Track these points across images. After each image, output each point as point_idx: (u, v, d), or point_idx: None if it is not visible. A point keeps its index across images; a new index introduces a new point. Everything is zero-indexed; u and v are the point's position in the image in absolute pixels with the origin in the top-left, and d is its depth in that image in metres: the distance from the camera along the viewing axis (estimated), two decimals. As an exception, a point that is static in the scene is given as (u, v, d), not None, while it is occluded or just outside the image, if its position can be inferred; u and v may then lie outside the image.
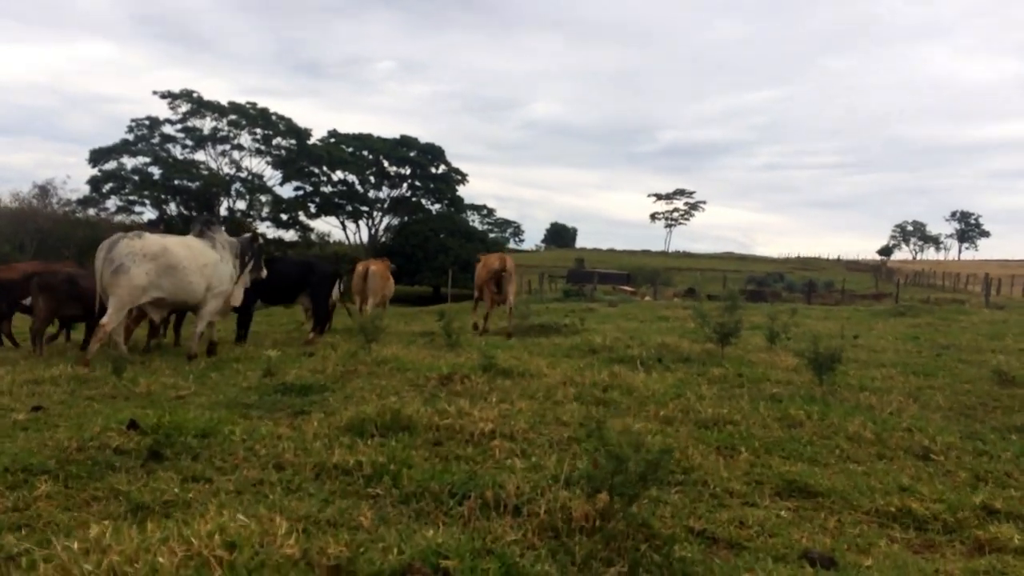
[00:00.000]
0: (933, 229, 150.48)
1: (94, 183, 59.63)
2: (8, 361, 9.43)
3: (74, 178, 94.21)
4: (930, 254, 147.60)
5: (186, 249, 9.66)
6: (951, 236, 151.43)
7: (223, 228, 10.85)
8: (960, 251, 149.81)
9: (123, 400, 6.65)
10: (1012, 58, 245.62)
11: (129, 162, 60.54)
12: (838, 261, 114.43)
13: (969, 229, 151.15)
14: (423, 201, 70.15)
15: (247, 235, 11.55)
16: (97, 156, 59.99)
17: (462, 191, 72.06)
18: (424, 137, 69.68)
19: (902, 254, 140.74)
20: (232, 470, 4.52)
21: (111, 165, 60.12)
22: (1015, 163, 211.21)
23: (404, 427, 5.43)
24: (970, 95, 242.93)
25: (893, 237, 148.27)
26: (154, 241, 9.41)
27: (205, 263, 9.78)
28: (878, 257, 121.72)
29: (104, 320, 8.98)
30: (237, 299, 11.13)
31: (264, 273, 11.77)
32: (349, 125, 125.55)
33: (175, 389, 7.14)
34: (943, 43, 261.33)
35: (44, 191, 59.99)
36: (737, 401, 6.89)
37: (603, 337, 11.37)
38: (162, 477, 4.31)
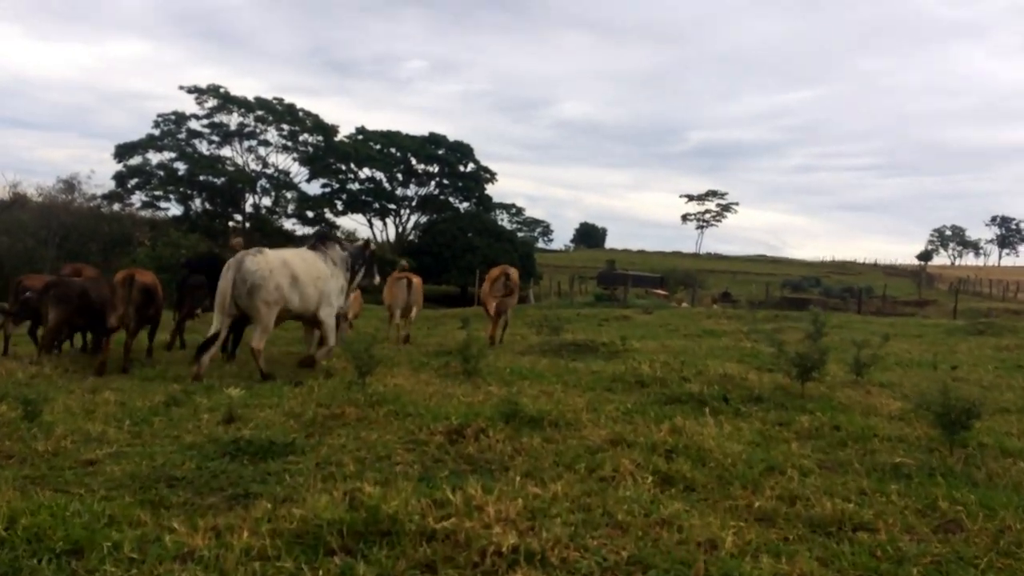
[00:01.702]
0: (972, 234, 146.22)
1: (119, 178, 58.61)
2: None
3: (99, 173, 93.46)
4: (969, 259, 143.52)
5: (302, 261, 9.75)
6: (991, 241, 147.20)
7: (336, 243, 10.80)
8: (1000, 257, 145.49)
9: (17, 464, 4.92)
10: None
11: (155, 157, 59.44)
12: (875, 266, 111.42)
13: (1010, 235, 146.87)
14: (451, 199, 68.47)
15: (359, 243, 11.39)
16: (123, 151, 58.94)
17: (491, 190, 70.32)
18: (454, 136, 67.90)
19: (940, 259, 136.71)
20: (87, 634, 2.78)
21: (137, 160, 59.03)
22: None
23: (383, 532, 3.65)
24: (1009, 96, 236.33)
25: (931, 241, 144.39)
26: (275, 255, 9.52)
27: (318, 276, 9.81)
28: (916, 262, 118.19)
29: (253, 344, 9.24)
30: (352, 311, 11.32)
31: (377, 280, 11.84)
32: (379, 123, 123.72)
33: (97, 445, 5.39)
34: (981, 43, 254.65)
35: (69, 186, 59.23)
36: (853, 478, 5.01)
37: (650, 363, 9.52)
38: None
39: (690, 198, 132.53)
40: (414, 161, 66.63)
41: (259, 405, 6.77)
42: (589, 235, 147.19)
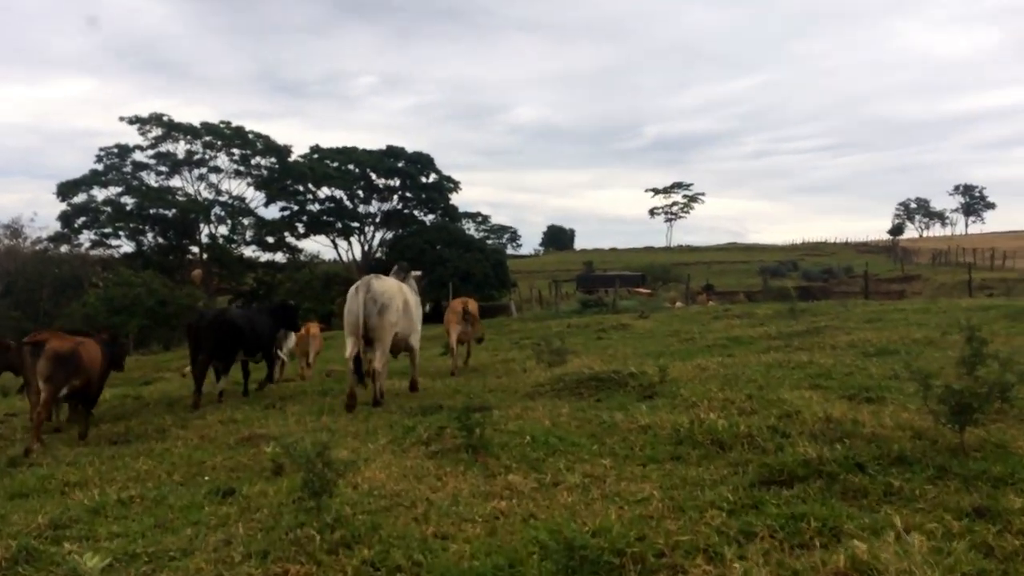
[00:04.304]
0: (936, 205, 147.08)
1: (65, 218, 55.45)
2: None
3: (46, 216, 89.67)
4: (936, 230, 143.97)
5: (409, 290, 10.45)
6: (956, 211, 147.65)
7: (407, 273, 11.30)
8: (967, 225, 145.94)
9: None
10: (984, 27, 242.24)
11: (100, 193, 56.38)
12: (847, 244, 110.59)
13: (974, 202, 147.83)
14: (416, 213, 65.71)
15: (415, 273, 11.69)
16: (65, 189, 55.71)
17: (455, 199, 67.64)
18: (412, 149, 65.10)
19: (908, 232, 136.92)
20: None
21: (82, 198, 55.77)
22: (1000, 133, 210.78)
23: None
24: (947, 68, 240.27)
25: (897, 215, 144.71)
26: (392, 283, 10.01)
27: (416, 303, 10.67)
28: (887, 237, 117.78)
29: (376, 366, 9.55)
30: None
31: (427, 308, 12.77)
32: (335, 142, 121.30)
33: None
34: (914, 17, 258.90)
35: (13, 231, 55.91)
36: None
37: (716, 408, 7.06)
38: None
39: (656, 191, 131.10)
40: (374, 176, 63.90)
41: (152, 558, 4.20)
42: (557, 237, 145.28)
